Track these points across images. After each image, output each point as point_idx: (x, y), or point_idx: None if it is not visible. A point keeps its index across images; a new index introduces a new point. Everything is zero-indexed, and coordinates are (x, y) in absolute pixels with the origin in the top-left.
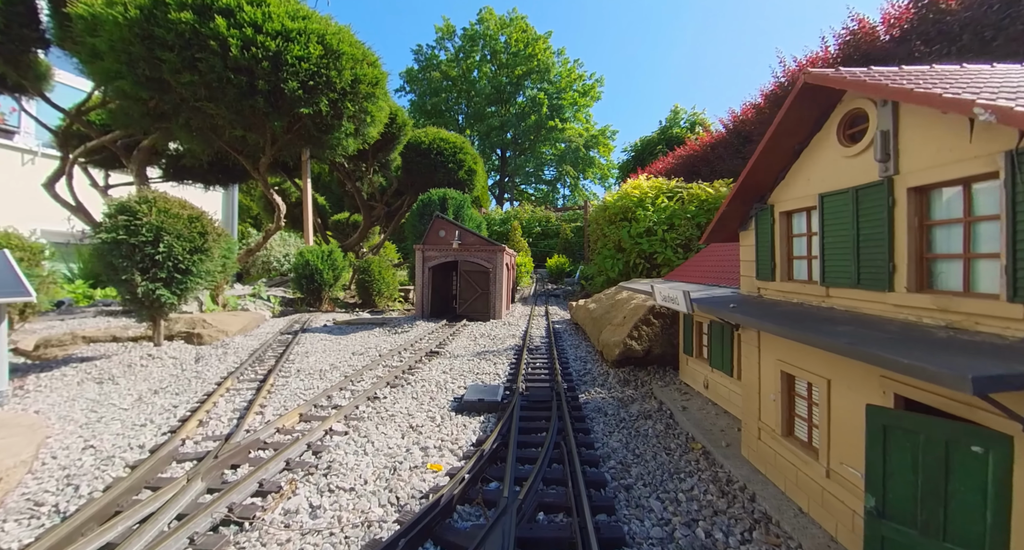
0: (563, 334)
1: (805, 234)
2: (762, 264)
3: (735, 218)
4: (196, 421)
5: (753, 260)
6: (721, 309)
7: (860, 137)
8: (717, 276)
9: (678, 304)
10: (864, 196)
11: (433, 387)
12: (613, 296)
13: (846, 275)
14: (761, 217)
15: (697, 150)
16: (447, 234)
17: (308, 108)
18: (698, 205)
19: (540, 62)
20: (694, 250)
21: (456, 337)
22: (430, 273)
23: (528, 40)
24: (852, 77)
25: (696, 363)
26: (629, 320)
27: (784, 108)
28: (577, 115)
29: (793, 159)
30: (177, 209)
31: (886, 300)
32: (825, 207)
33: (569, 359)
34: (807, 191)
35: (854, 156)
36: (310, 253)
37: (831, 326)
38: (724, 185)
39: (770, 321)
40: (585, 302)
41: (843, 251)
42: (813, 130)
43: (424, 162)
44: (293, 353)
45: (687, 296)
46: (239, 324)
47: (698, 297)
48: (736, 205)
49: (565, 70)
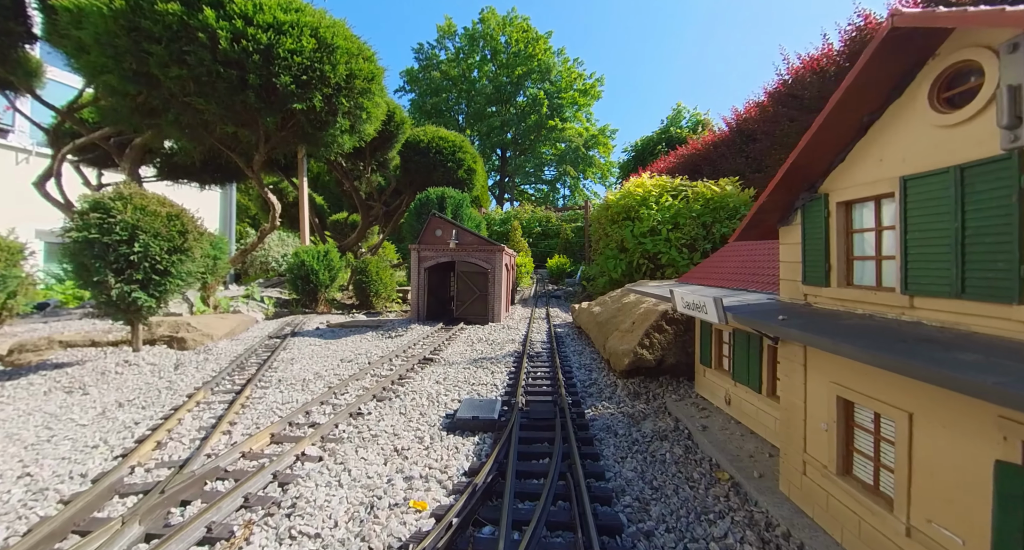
0: (565, 339)
1: (872, 229)
2: (811, 266)
3: (775, 211)
4: (154, 442)
5: (798, 261)
6: (766, 322)
7: (966, 99)
8: (745, 279)
9: (706, 313)
10: (975, 177)
11: (424, 400)
12: (619, 299)
13: (942, 281)
14: (810, 210)
15: (699, 149)
16: (444, 233)
17: (301, 104)
18: (703, 204)
19: (540, 62)
20: (699, 251)
21: (452, 342)
22: (426, 274)
23: (529, 40)
24: (977, 11)
25: (715, 375)
26: (639, 326)
27: (859, 67)
28: (577, 114)
29: (857, 135)
30: (155, 206)
31: (1012, 315)
32: (909, 193)
33: (573, 367)
34: (879, 175)
35: (955, 126)
36: (305, 253)
37: (943, 352)
38: (730, 183)
39: (848, 342)
40: (588, 305)
41: (937, 250)
42: (889, 97)
43: (423, 161)
44: (278, 360)
45: (719, 304)
46: (226, 327)
47: (732, 305)
48: (779, 195)
49: (565, 69)
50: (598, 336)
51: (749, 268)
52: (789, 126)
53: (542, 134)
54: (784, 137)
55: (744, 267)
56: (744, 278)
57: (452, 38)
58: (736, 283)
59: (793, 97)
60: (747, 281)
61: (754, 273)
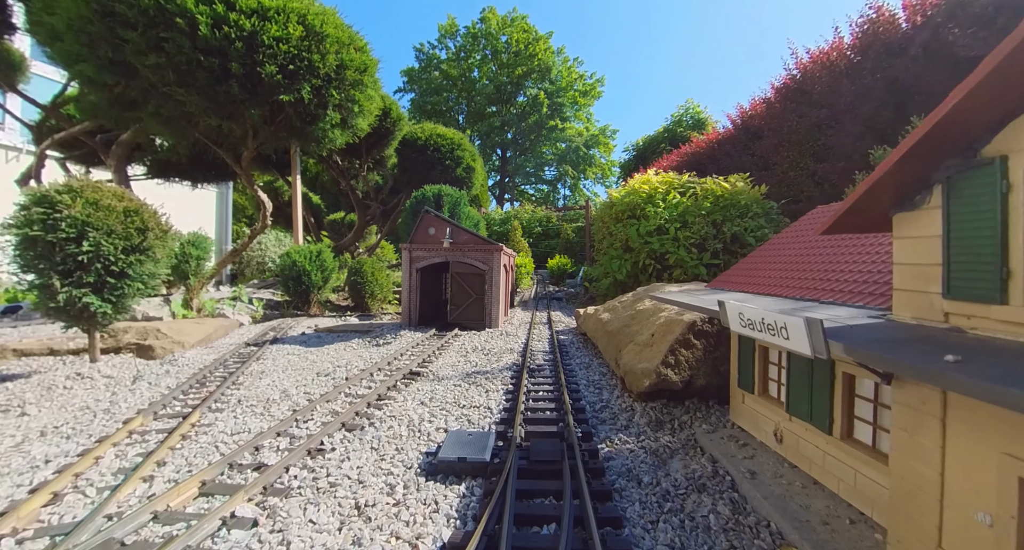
0: (569, 348)
1: None
2: (962, 270)
3: (894, 190)
4: (49, 494)
5: (933, 263)
6: (927, 367)
7: None
8: (813, 287)
9: (786, 337)
10: None
11: (403, 429)
12: (631, 305)
13: None
14: (963, 183)
15: (703, 147)
16: (437, 232)
17: (289, 95)
18: (713, 201)
19: (541, 62)
20: (709, 250)
21: (444, 352)
22: (418, 275)
23: (529, 40)
24: None
25: (760, 404)
26: (661, 340)
27: None
28: (578, 114)
29: None
30: (110, 201)
31: None
32: None
33: (580, 385)
34: None
35: None
36: (297, 253)
37: None
38: (740, 180)
39: None
40: (596, 310)
41: None
42: None
43: (420, 159)
44: (246, 373)
45: (815, 329)
46: (201, 334)
47: (835, 329)
48: (909, 166)
49: (566, 69)
50: (608, 347)
51: (815, 271)
52: (797, 122)
53: (542, 134)
54: (792, 134)
55: (806, 270)
56: (812, 285)
57: (453, 37)
58: (801, 291)
59: (802, 92)
60: (817, 289)
61: (826, 278)
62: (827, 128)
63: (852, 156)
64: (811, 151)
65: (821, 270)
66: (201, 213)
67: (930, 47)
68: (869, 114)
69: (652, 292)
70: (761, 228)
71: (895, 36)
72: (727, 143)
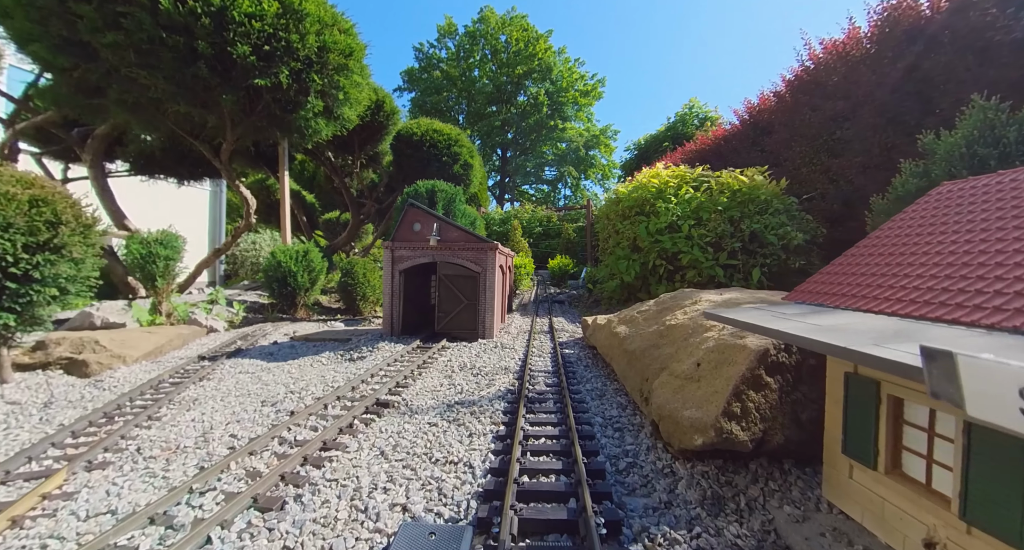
0: (576, 366)
1: None
2: None
3: None
4: None
5: None
6: None
7: None
8: None
9: None
10: None
11: (343, 510)
12: (656, 317)
13: None
14: None
15: (708, 144)
16: (423, 228)
17: (265, 79)
18: (729, 196)
19: (541, 61)
20: (726, 249)
21: (426, 370)
22: (402, 278)
23: (529, 39)
24: None
25: (888, 487)
26: (715, 374)
27: None
28: (579, 114)
29: None
30: (10, 187)
31: None
32: None
33: (594, 424)
34: None
35: None
36: (282, 253)
37: None
38: (758, 173)
39: None
40: (608, 321)
41: None
42: None
43: (416, 155)
44: (175, 401)
45: None
46: (151, 344)
47: None
48: None
49: (567, 69)
50: (630, 373)
51: None
52: (811, 115)
53: (543, 134)
54: (805, 128)
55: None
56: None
57: (453, 37)
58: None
59: (816, 84)
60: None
61: None
62: (843, 121)
63: (871, 150)
64: (825, 145)
65: None
66: (194, 212)
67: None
68: (891, 104)
69: (684, 299)
70: (783, 225)
71: (918, 22)
72: (734, 139)
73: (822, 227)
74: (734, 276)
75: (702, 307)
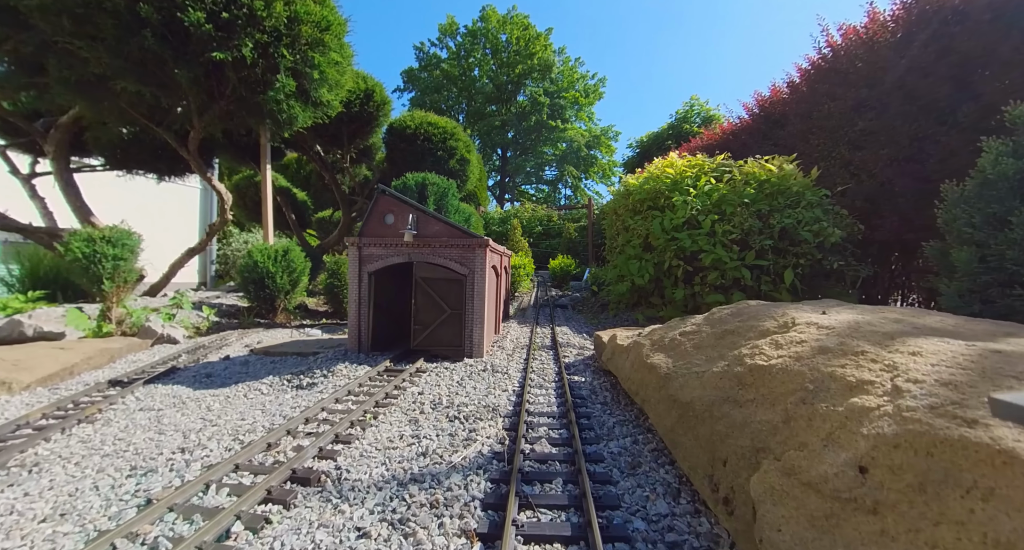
0: (591, 403)
1: None
2: None
3: None
4: None
5: None
6: None
7: None
8: None
9: None
10: None
11: None
12: (719, 345)
13: None
14: None
15: (715, 138)
16: (397, 220)
17: (225, 53)
18: (757, 187)
19: (541, 60)
20: (754, 248)
21: (386, 410)
22: (372, 281)
23: (529, 38)
24: None
25: None
26: (942, 520)
27: None
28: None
29: None
30: None
31: None
32: None
33: (634, 535)
34: None
35: None
36: (259, 252)
37: None
38: (786, 162)
39: None
40: (635, 343)
41: None
42: None
43: (410, 149)
44: (16, 461)
45: None
46: (56, 365)
47: None
48: None
49: (567, 69)
50: (685, 439)
51: None
52: (831, 106)
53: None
54: (823, 119)
55: None
56: None
57: (454, 37)
58: None
59: (835, 72)
60: None
61: None
62: (867, 110)
63: (899, 141)
64: (846, 138)
65: None
66: (186, 210)
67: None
68: (923, 90)
69: (760, 319)
70: (818, 220)
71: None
72: (743, 133)
73: (859, 223)
74: (761, 279)
75: (806, 336)
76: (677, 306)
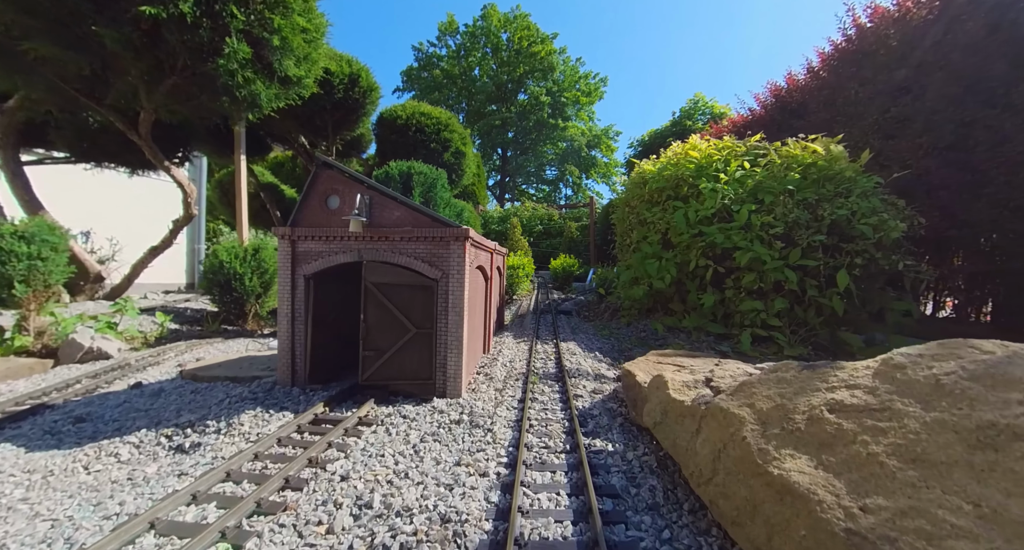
0: (634, 509)
1: None
2: None
3: None
4: None
5: None
6: None
7: None
8: None
9: None
10: None
11: None
12: (938, 436)
13: None
14: None
15: (724, 132)
16: (344, 203)
17: (156, 8)
18: (801, 172)
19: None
20: (801, 245)
21: (263, 532)
22: (310, 287)
23: (531, 38)
24: None
25: None
26: None
27: None
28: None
29: None
30: None
31: None
32: None
33: None
34: None
35: None
36: (225, 252)
37: None
38: (832, 142)
39: None
40: (717, 405)
41: None
42: None
43: (401, 141)
44: None
45: None
46: None
47: None
48: None
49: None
50: None
51: None
52: (859, 91)
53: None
54: (849, 106)
55: None
56: None
57: (454, 36)
58: None
59: (864, 55)
60: None
61: None
62: (902, 94)
63: (941, 127)
64: (876, 125)
65: None
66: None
67: None
68: (971, 69)
69: (1007, 387)
70: (876, 212)
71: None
72: (756, 125)
73: (919, 216)
74: (807, 282)
75: None
76: (703, 314)
